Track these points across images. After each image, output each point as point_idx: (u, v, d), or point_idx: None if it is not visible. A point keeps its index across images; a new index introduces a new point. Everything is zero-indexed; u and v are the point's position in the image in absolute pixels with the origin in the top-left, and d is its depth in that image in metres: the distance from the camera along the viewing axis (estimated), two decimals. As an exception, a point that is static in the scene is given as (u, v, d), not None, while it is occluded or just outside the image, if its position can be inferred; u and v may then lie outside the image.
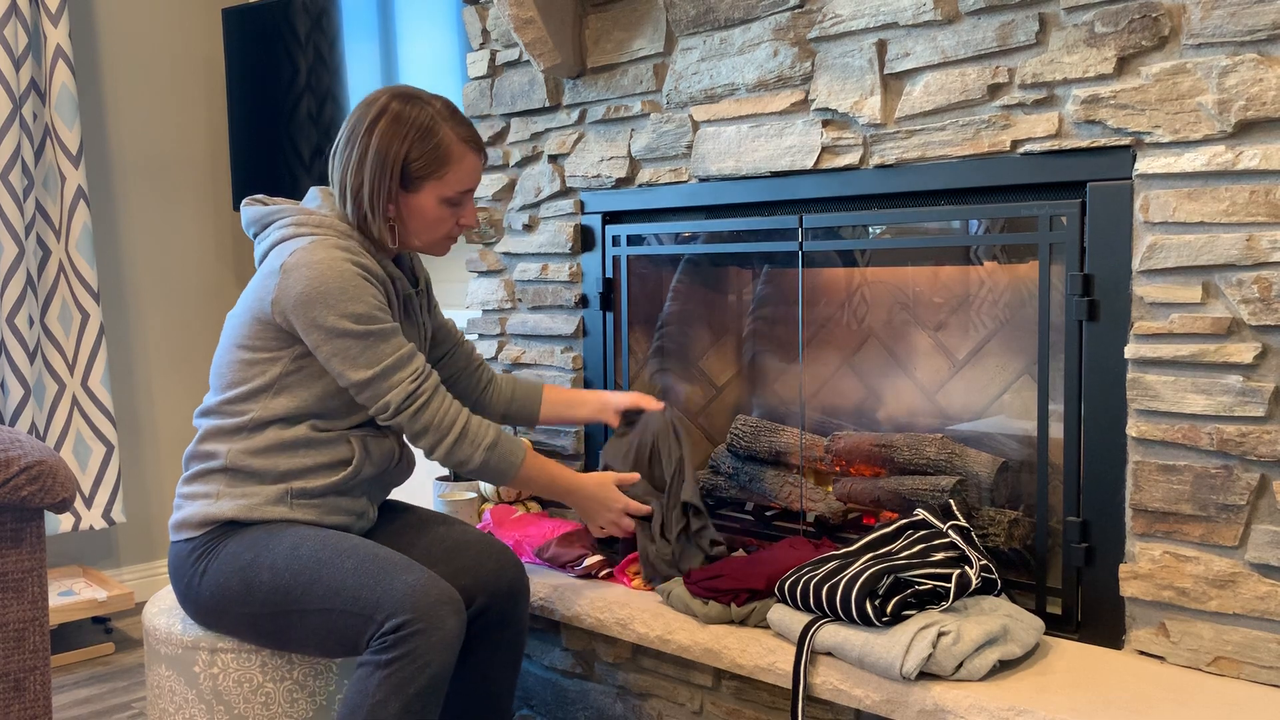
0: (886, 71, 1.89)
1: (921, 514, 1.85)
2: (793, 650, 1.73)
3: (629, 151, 2.30)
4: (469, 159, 1.79)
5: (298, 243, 1.72)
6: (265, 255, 1.78)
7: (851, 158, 1.94)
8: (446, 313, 3.09)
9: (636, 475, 2.02)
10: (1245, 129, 1.52)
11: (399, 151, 1.74)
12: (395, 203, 1.78)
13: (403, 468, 1.90)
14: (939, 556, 1.74)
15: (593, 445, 2.45)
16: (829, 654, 1.70)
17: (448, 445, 1.75)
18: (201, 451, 1.78)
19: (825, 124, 1.98)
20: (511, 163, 2.54)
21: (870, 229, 2.08)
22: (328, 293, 1.67)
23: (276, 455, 1.74)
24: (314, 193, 1.83)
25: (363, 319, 1.69)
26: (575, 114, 2.40)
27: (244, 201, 1.86)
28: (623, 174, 2.31)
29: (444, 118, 1.77)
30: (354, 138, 1.76)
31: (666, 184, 2.25)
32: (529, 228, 2.52)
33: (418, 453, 3.16)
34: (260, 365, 1.74)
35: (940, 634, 1.59)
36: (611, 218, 2.39)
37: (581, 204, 2.42)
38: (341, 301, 1.67)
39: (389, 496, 2.03)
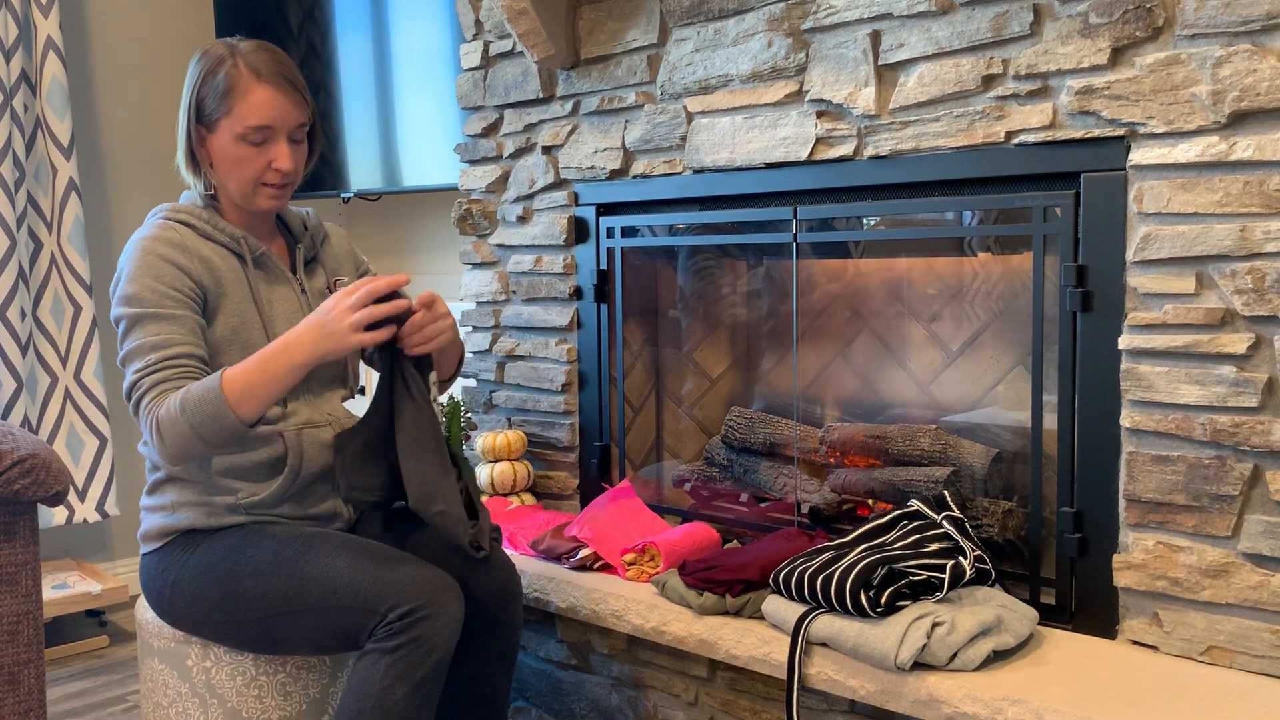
0: (881, 63, 1.88)
1: (916, 505, 1.85)
2: (787, 641, 1.74)
3: (623, 143, 2.30)
4: (257, 91, 1.70)
5: None
6: None
7: (846, 149, 1.94)
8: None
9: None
10: (1239, 120, 1.52)
11: (193, 89, 1.73)
12: (205, 145, 1.75)
13: None
14: (933, 547, 1.75)
15: (588, 438, 2.45)
16: (824, 645, 1.70)
17: (158, 447, 1.61)
18: (150, 463, 1.78)
19: (819, 115, 1.98)
20: (505, 154, 2.54)
21: (864, 220, 2.08)
22: (119, 270, 1.69)
23: (212, 455, 1.71)
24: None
25: (130, 300, 1.65)
26: (569, 105, 2.39)
27: None
28: (617, 165, 2.31)
29: (241, 53, 1.72)
30: None
31: (661, 175, 2.25)
32: (523, 219, 2.52)
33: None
34: None
35: (935, 624, 1.60)
36: (606, 209, 2.39)
37: (575, 195, 2.42)
38: (121, 281, 1.67)
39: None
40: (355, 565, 1.62)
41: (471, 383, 2.69)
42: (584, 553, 2.14)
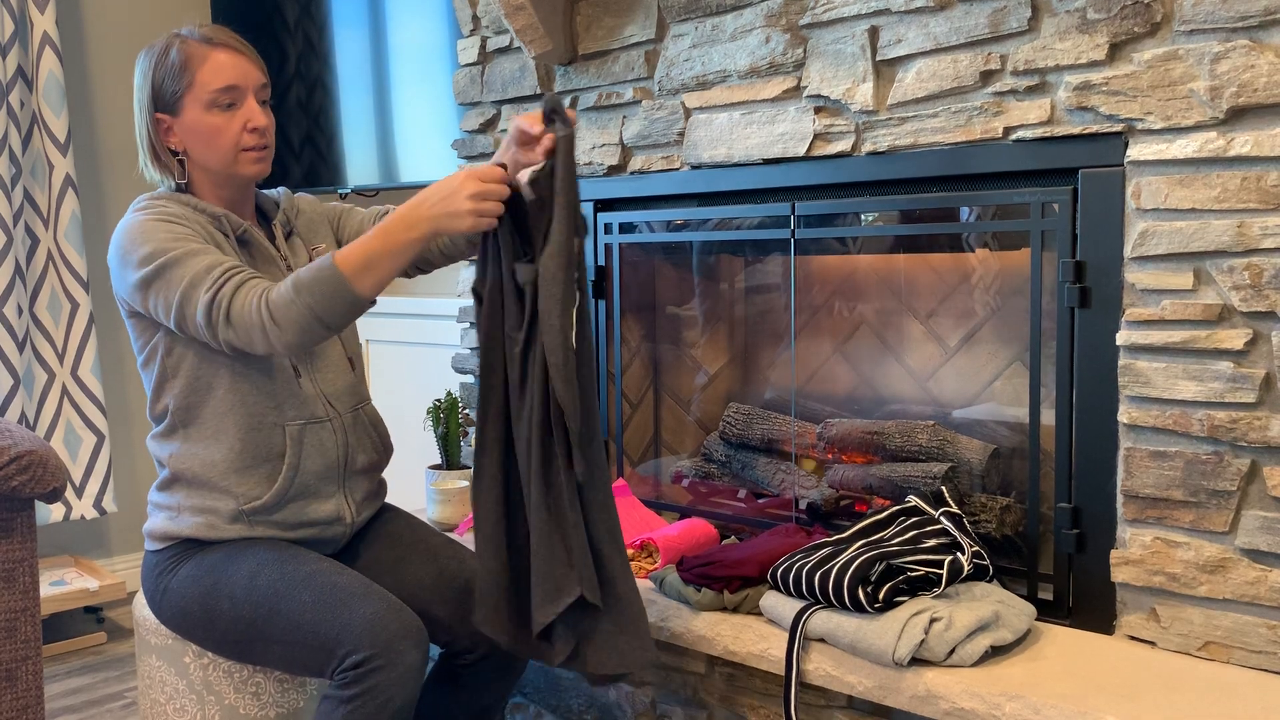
0: (879, 58, 1.88)
1: (914, 501, 1.85)
2: (785, 637, 1.74)
3: (621, 139, 2.30)
4: (215, 56, 1.69)
5: None
6: None
7: (844, 145, 1.94)
8: (437, 302, 3.08)
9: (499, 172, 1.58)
10: (1237, 115, 1.52)
11: (147, 81, 1.72)
12: (172, 133, 1.72)
13: (366, 456, 1.84)
14: (931, 543, 1.75)
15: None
16: (822, 640, 1.70)
17: (272, 333, 1.55)
18: (156, 460, 1.78)
19: (817, 111, 1.98)
20: (502, 150, 2.53)
21: (862, 216, 2.07)
22: (121, 253, 1.65)
23: (211, 450, 1.70)
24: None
25: (151, 257, 1.61)
26: (566, 101, 2.39)
27: None
28: (615, 161, 2.31)
29: (185, 34, 1.72)
30: None
31: (659, 171, 2.25)
32: (520, 215, 2.51)
33: (396, 439, 3.16)
34: (148, 356, 1.73)
35: (932, 620, 1.60)
36: (604, 205, 2.39)
37: (573, 192, 2.41)
38: (131, 253, 1.63)
39: (388, 499, 1.99)
40: (317, 602, 1.60)
41: (469, 379, 2.69)
42: (582, 549, 2.14)
